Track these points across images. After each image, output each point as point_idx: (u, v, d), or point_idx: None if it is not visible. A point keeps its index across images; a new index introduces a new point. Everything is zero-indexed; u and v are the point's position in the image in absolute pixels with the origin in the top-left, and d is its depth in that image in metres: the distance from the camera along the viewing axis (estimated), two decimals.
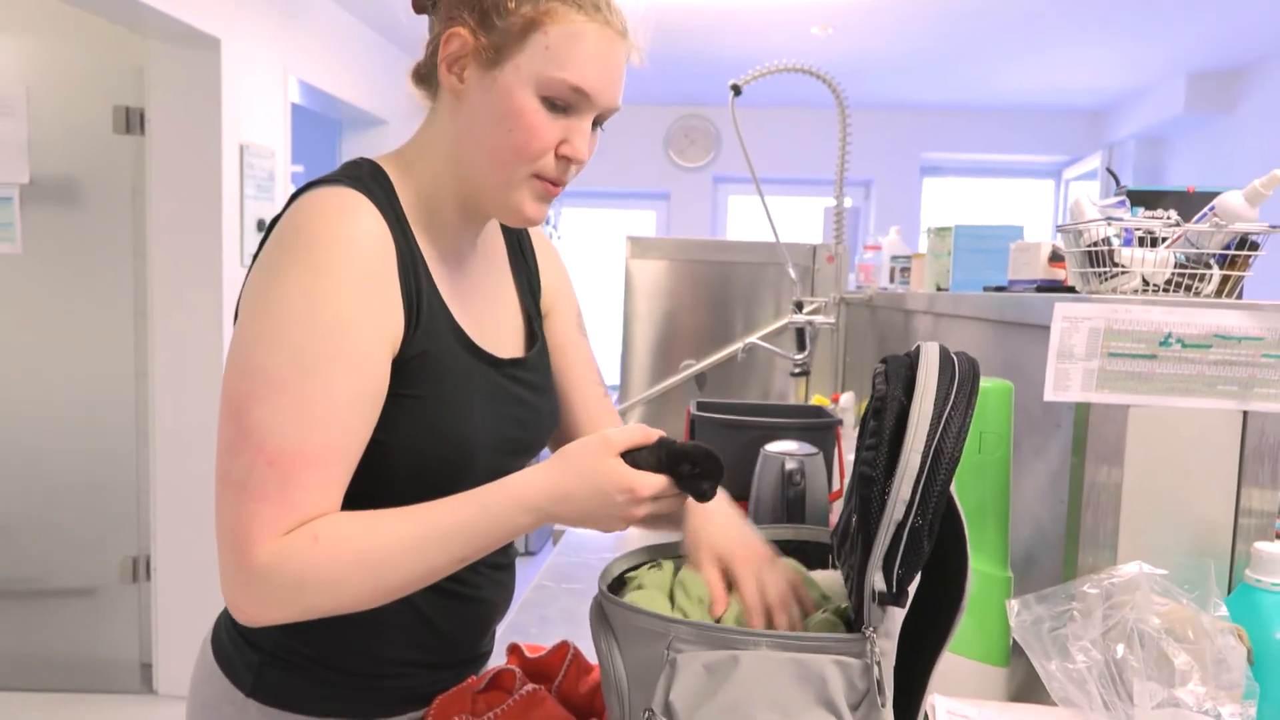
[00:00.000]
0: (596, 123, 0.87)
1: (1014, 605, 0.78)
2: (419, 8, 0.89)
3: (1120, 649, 0.71)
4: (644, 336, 2.92)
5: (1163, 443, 0.95)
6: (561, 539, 1.70)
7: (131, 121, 2.79)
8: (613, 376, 3.55)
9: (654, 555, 0.93)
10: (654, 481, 0.78)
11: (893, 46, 4.21)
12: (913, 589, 0.72)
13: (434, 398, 0.83)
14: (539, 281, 1.03)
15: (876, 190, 5.62)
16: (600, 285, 5.76)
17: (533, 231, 1.05)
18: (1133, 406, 0.95)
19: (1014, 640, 0.86)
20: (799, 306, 2.47)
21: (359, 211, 0.79)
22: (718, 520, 0.91)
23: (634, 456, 0.78)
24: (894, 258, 2.60)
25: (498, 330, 0.93)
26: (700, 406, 1.81)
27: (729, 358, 2.61)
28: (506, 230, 1.02)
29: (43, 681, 2.96)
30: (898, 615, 0.72)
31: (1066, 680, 0.72)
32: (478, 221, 0.92)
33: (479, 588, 0.94)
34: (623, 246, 2.94)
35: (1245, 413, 0.95)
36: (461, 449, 0.85)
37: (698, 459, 0.78)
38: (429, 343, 0.83)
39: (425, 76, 0.88)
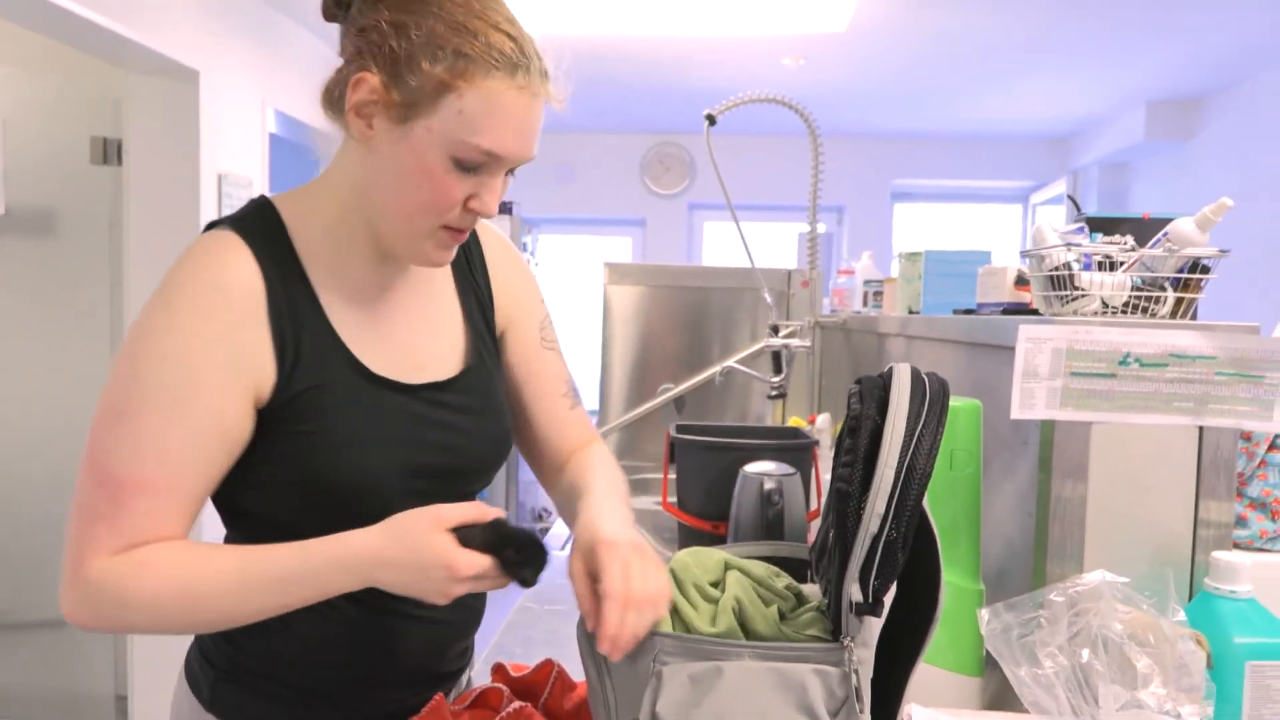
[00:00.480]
0: (509, 170, 0.86)
1: (984, 614, 0.82)
2: (329, 16, 0.87)
3: (1085, 654, 0.74)
4: (622, 361, 2.95)
5: (1124, 457, 0.99)
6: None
7: (109, 152, 2.80)
8: (591, 401, 3.58)
9: None
10: (475, 561, 0.77)
11: (862, 77, 4.31)
12: (888, 600, 0.75)
13: (324, 431, 0.84)
14: (490, 298, 1.00)
15: (849, 215, 5.72)
16: (577, 310, 5.80)
17: (488, 244, 1.02)
18: (1095, 423, 0.99)
19: (987, 651, 0.90)
20: (775, 330, 2.51)
21: (226, 257, 0.81)
22: (590, 520, 0.86)
23: (465, 534, 0.78)
24: (867, 282, 2.65)
25: (421, 354, 0.92)
26: (680, 429, 1.84)
27: (707, 381, 2.64)
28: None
29: (16, 715, 2.91)
30: (874, 625, 0.75)
31: (1035, 685, 0.75)
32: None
33: (434, 609, 0.88)
34: (600, 273, 2.98)
35: (1201, 428, 0.99)
36: (360, 479, 0.85)
37: (522, 545, 0.79)
38: (316, 378, 0.84)
39: (333, 106, 0.85)
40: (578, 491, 0.94)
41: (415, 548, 0.77)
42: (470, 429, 0.94)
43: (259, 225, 0.85)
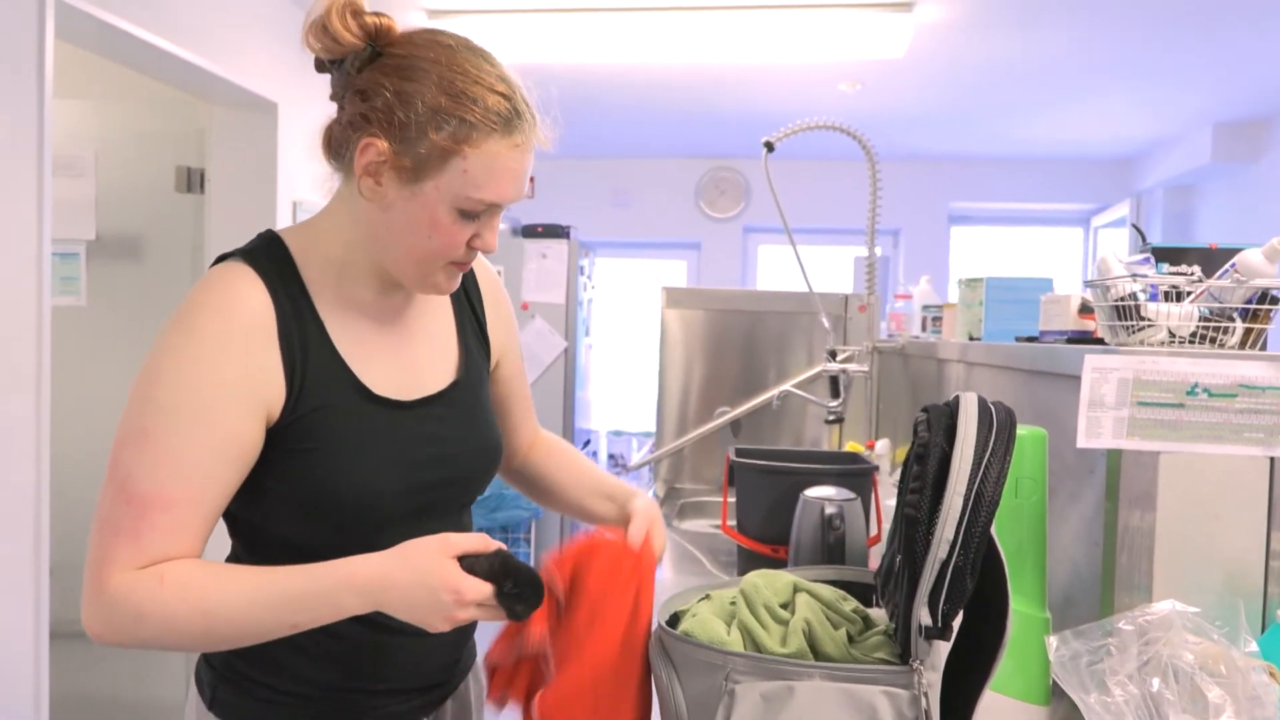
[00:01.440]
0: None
1: (1052, 641, 0.83)
2: (319, 68, 0.92)
3: (1155, 683, 0.75)
4: (679, 385, 2.98)
5: (1193, 487, 0.99)
6: None
7: (192, 181, 2.93)
8: (648, 424, 3.60)
9: (705, 591, 0.98)
10: (481, 588, 0.81)
11: (919, 101, 4.30)
12: (956, 625, 0.77)
13: (326, 448, 0.89)
14: (484, 324, 1.09)
15: (905, 239, 5.69)
16: (633, 333, 5.85)
17: (483, 278, 1.11)
18: (1163, 453, 0.99)
19: (1054, 680, 0.90)
20: (833, 355, 2.52)
21: (239, 286, 0.87)
22: (624, 486, 1.11)
23: (470, 561, 0.82)
24: (925, 307, 2.65)
25: (418, 370, 0.99)
26: (739, 453, 1.87)
27: (764, 405, 2.66)
28: None
29: None
30: (942, 649, 0.77)
31: (1105, 713, 0.76)
32: (394, 280, 0.97)
33: None
34: (657, 296, 3.02)
35: (1272, 459, 0.99)
36: (362, 492, 0.91)
37: (522, 579, 0.82)
38: (322, 399, 0.89)
39: (334, 153, 0.92)
40: (573, 461, 1.18)
41: (423, 570, 0.81)
42: (462, 438, 1.01)
43: (268, 257, 0.91)
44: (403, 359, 0.98)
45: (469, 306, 1.08)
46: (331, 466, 0.89)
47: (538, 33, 3.27)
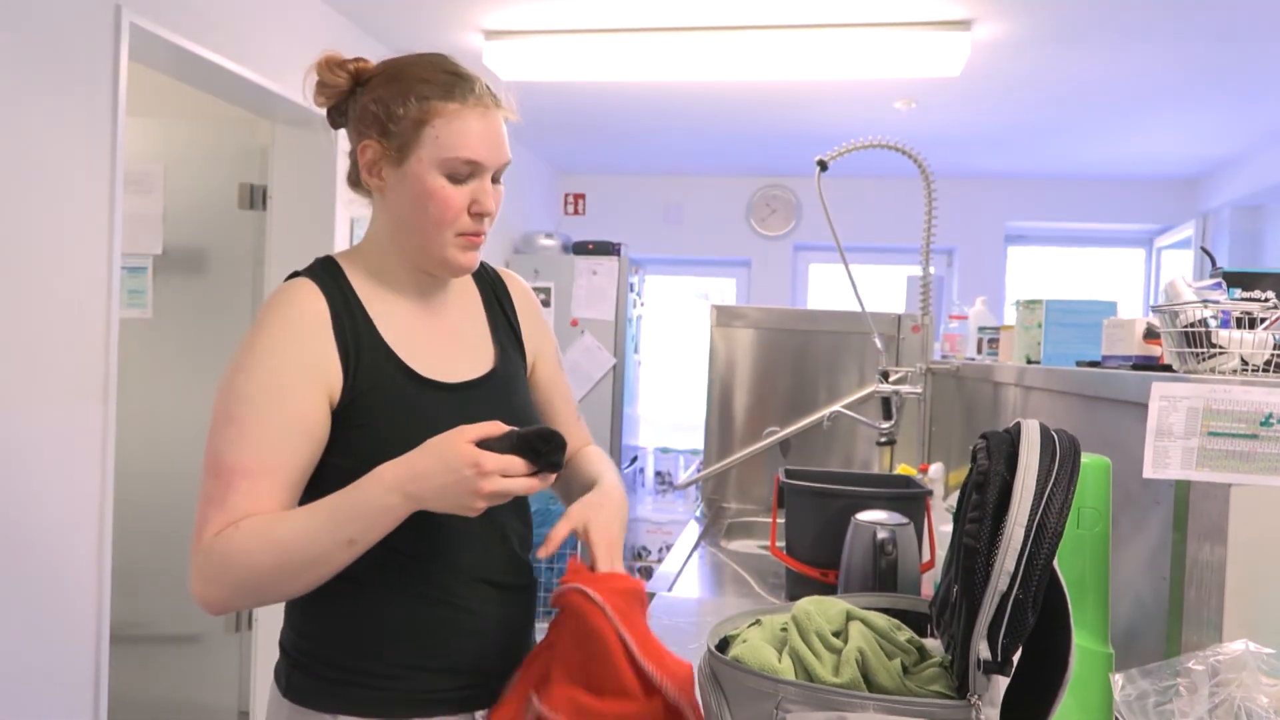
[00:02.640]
0: (496, 180, 1.06)
1: (1118, 679, 0.80)
2: (334, 124, 1.11)
3: None
4: (727, 403, 2.97)
5: (1268, 522, 0.95)
6: (652, 603, 1.73)
7: (255, 197, 3.01)
8: (697, 441, 3.59)
9: (755, 616, 0.97)
10: (499, 459, 0.90)
11: (975, 120, 4.24)
12: (1015, 659, 0.75)
13: (380, 424, 1.02)
14: (518, 331, 1.21)
15: (959, 258, 5.60)
16: (683, 350, 5.84)
17: (515, 291, 1.24)
18: (1235, 485, 0.96)
19: (1116, 717, 0.87)
20: (885, 376, 2.49)
21: (300, 293, 1.03)
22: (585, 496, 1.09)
23: (486, 444, 0.91)
24: (981, 328, 2.60)
25: (457, 361, 1.11)
26: (789, 474, 1.85)
27: (814, 425, 2.63)
28: (481, 284, 1.21)
29: None
30: (1001, 684, 0.74)
31: None
32: (429, 280, 1.11)
33: (469, 600, 1.06)
34: (707, 314, 3.01)
35: None
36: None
37: (547, 437, 0.92)
38: (373, 381, 1.03)
39: (356, 182, 1.10)
40: (586, 463, 1.20)
41: (442, 455, 0.91)
42: (502, 419, 1.07)
43: (324, 272, 1.08)
44: (443, 348, 1.11)
45: (501, 310, 1.21)
46: (383, 438, 1.00)
47: (592, 52, 3.30)
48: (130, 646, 3.05)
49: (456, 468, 0.90)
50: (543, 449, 0.92)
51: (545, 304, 4.66)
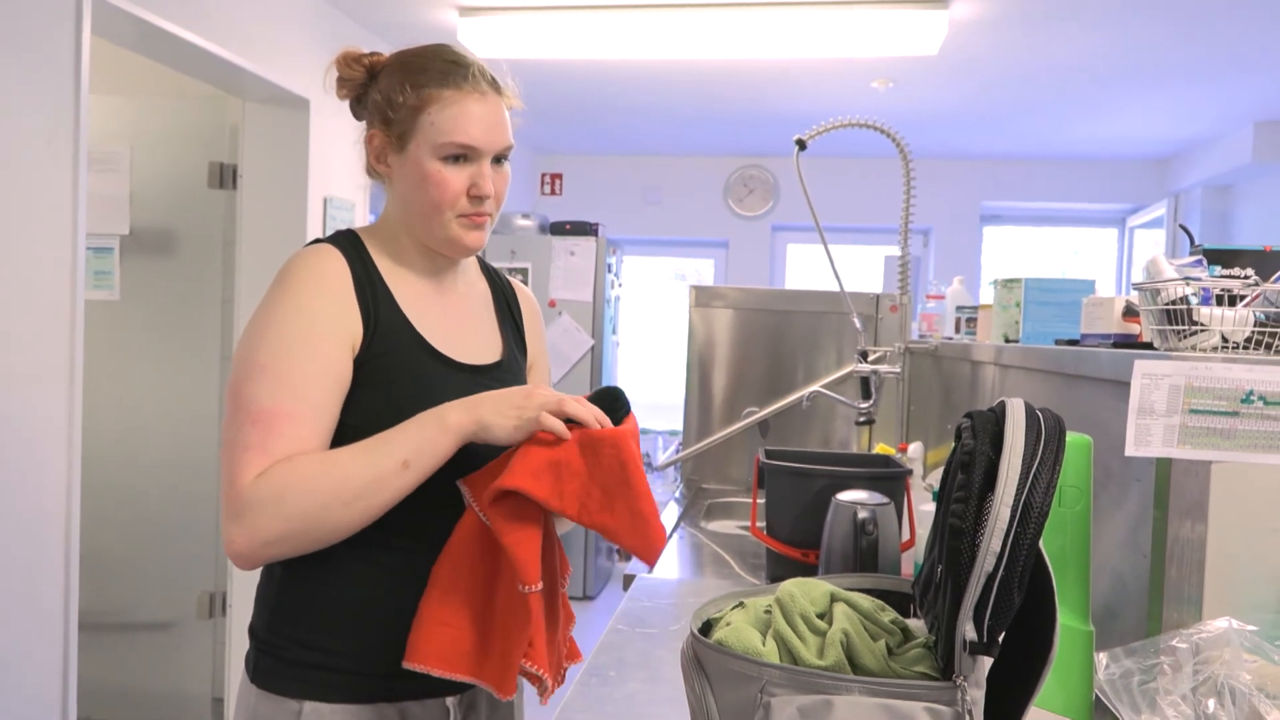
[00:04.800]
0: (500, 160, 1.10)
1: (1102, 658, 0.80)
2: (356, 115, 1.15)
3: (1211, 704, 0.72)
4: (706, 384, 2.96)
5: (1248, 498, 0.96)
6: (632, 584, 1.73)
7: (225, 176, 2.95)
8: (675, 422, 3.59)
9: (738, 598, 0.96)
10: (551, 393, 0.97)
11: (952, 99, 4.24)
12: (1000, 639, 0.74)
13: (392, 387, 1.04)
14: (522, 335, 1.25)
15: (935, 238, 5.62)
16: (660, 331, 5.83)
17: (523, 300, 1.28)
18: (1215, 462, 0.96)
19: (1096, 694, 0.87)
20: (864, 356, 2.49)
21: (322, 253, 1.06)
22: None
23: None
24: (959, 308, 2.60)
25: (466, 343, 1.14)
26: (769, 455, 1.84)
27: (793, 405, 2.63)
28: (493, 285, 1.25)
29: (119, 713, 3.05)
30: (986, 665, 0.74)
31: None
32: (443, 261, 1.14)
33: None
34: (685, 295, 3.00)
35: None
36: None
37: (615, 394, 1.01)
38: (388, 343, 1.05)
39: (371, 170, 1.14)
40: None
41: (495, 393, 0.99)
42: None
43: (346, 240, 1.11)
44: (455, 328, 1.13)
45: (509, 311, 1.24)
46: (392, 400, 1.03)
47: (568, 30, 3.25)
48: (101, 634, 3.01)
49: (509, 394, 0.98)
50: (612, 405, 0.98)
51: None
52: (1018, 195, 5.54)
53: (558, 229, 4.79)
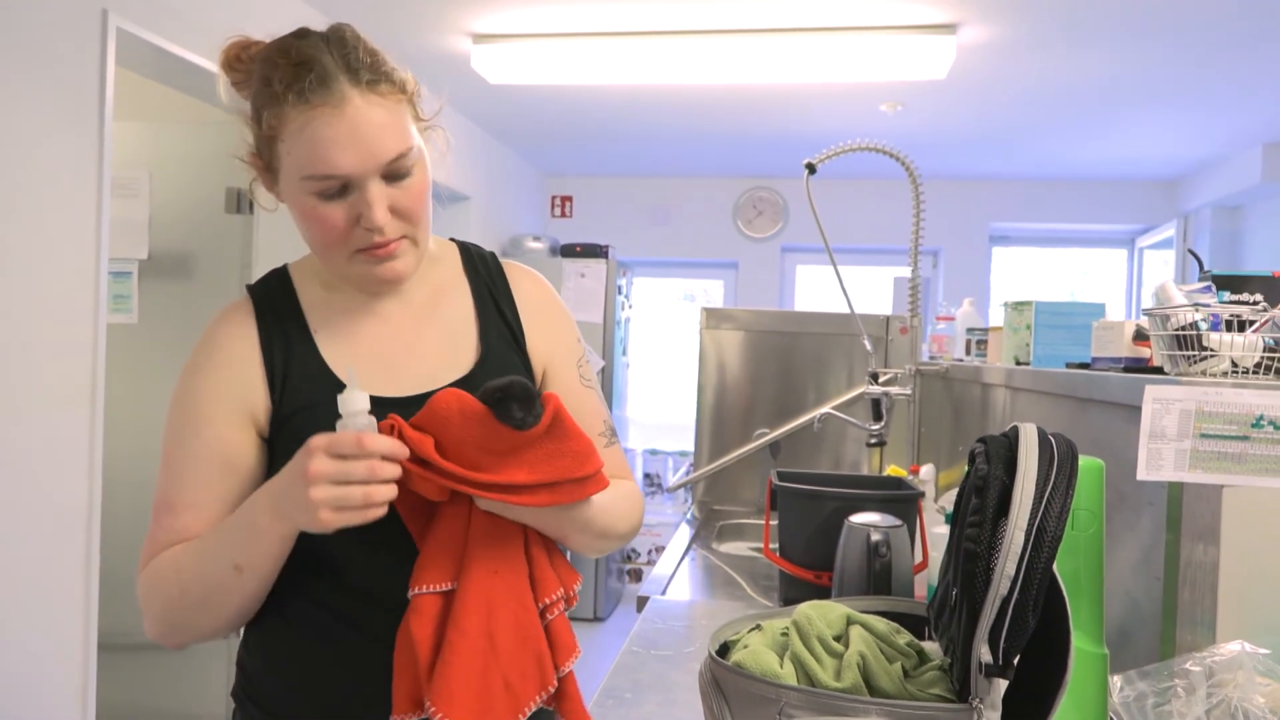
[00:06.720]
0: (396, 177, 0.89)
1: (1117, 681, 0.81)
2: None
3: None
4: (717, 405, 2.97)
5: (1260, 522, 0.97)
6: (646, 606, 1.74)
7: (241, 202, 3.00)
8: (686, 443, 3.59)
9: (755, 620, 0.97)
10: (328, 435, 0.79)
11: (961, 121, 4.27)
12: (1016, 661, 0.75)
13: None
14: (520, 329, 1.04)
15: (945, 259, 5.64)
16: (671, 352, 5.85)
17: (516, 281, 1.07)
18: (1227, 486, 0.97)
19: (1111, 717, 0.88)
20: (874, 377, 2.50)
21: (226, 316, 0.98)
22: None
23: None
24: (970, 330, 2.61)
25: (415, 367, 0.97)
26: (781, 476, 1.85)
27: (803, 427, 2.64)
28: (475, 279, 1.05)
29: None
30: (1002, 687, 0.75)
31: None
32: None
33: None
34: (696, 316, 3.02)
35: None
36: None
37: (503, 389, 0.82)
38: (305, 400, 0.93)
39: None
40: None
41: (273, 487, 0.85)
42: None
43: (268, 286, 1.00)
44: (402, 357, 0.98)
45: (496, 310, 1.04)
46: None
47: (579, 56, 3.30)
48: (119, 655, 3.02)
49: (293, 465, 0.80)
50: (494, 399, 0.80)
51: None
52: (1027, 216, 5.56)
53: (568, 251, 4.83)
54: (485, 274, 1.07)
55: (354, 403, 0.82)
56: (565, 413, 0.86)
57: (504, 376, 0.85)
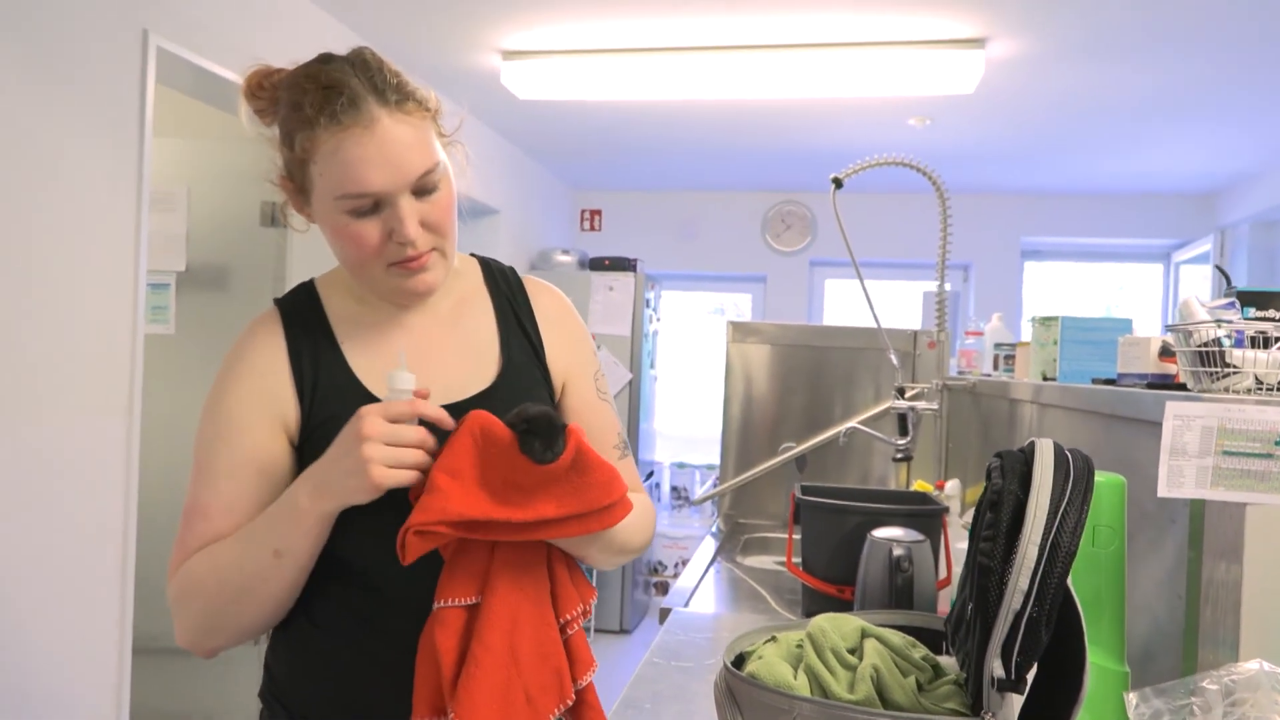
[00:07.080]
0: (424, 192, 0.93)
1: (1132, 698, 0.80)
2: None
3: None
4: (744, 418, 2.97)
5: None
6: (668, 618, 1.74)
7: (276, 216, 3.06)
8: (713, 456, 3.59)
9: (770, 632, 0.97)
10: (379, 407, 0.85)
11: (990, 136, 4.25)
12: (1030, 676, 0.75)
13: None
14: (540, 345, 1.08)
15: (975, 273, 5.59)
16: (698, 365, 5.85)
17: (537, 297, 1.10)
18: (1250, 504, 0.96)
19: None
20: (901, 392, 2.49)
21: (256, 328, 1.00)
22: None
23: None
24: (997, 345, 2.60)
25: (446, 379, 1.00)
26: (805, 490, 1.85)
27: (830, 441, 2.64)
28: (495, 293, 1.09)
29: None
30: (1016, 702, 0.75)
31: None
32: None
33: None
34: (723, 330, 3.03)
35: None
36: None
37: (530, 418, 0.86)
38: (333, 410, 0.96)
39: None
40: None
41: (325, 458, 0.89)
42: None
43: (296, 299, 1.03)
44: (429, 365, 1.00)
45: (517, 323, 1.08)
46: None
47: (608, 72, 3.33)
48: (153, 659, 3.07)
49: (344, 433, 0.86)
50: (535, 429, 0.83)
51: None
52: (1059, 230, 5.50)
53: (597, 264, 4.86)
54: (506, 288, 1.10)
55: (401, 380, 0.87)
56: (587, 445, 0.89)
57: (534, 404, 0.88)
